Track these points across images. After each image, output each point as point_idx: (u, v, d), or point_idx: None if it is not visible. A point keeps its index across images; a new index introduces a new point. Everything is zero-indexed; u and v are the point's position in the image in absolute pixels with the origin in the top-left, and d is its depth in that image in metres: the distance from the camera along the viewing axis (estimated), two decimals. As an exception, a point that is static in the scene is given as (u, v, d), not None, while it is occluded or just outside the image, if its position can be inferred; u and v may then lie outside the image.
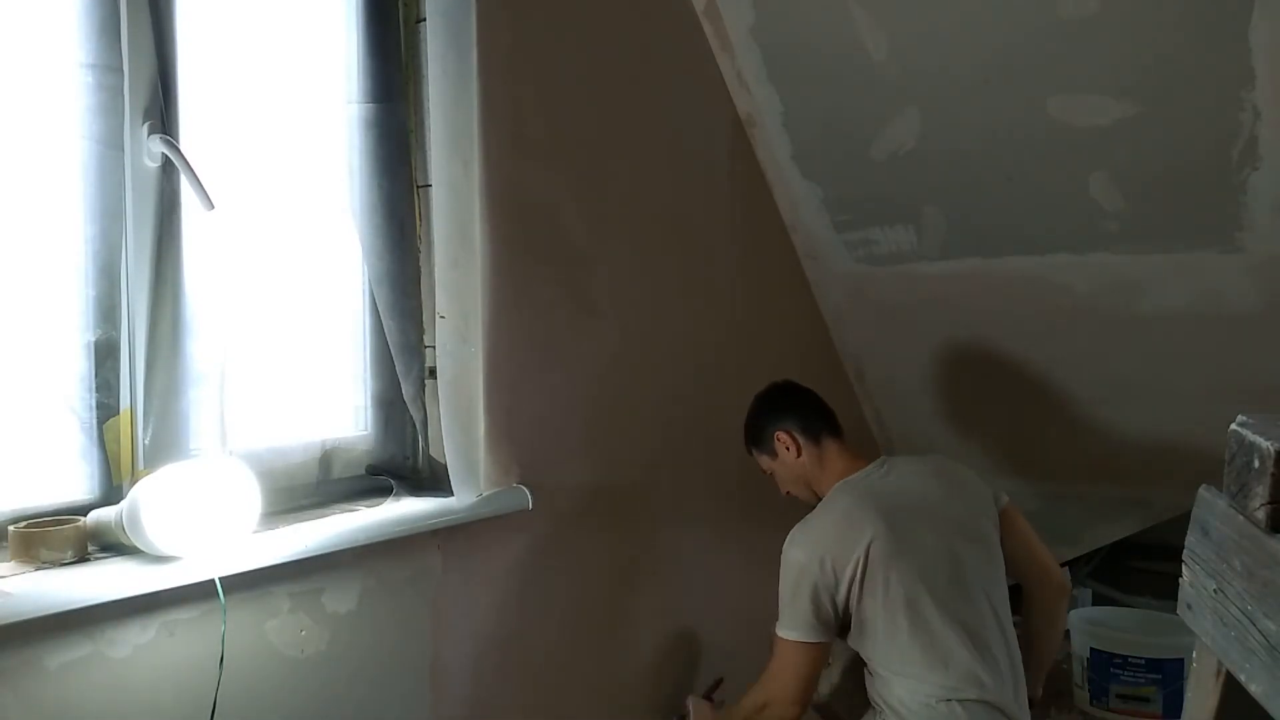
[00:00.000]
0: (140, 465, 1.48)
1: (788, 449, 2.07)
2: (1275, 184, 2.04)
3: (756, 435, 2.13)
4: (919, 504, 1.97)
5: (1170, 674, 2.55)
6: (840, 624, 1.92)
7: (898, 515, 1.91)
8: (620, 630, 2.21)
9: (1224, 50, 1.90)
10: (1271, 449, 0.80)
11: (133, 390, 1.49)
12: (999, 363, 2.67)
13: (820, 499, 2.04)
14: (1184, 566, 0.95)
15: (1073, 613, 2.90)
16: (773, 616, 1.98)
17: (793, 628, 1.92)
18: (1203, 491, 0.93)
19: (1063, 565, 3.28)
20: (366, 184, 1.81)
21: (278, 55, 1.71)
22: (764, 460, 2.14)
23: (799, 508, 2.08)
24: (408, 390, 1.85)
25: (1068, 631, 2.83)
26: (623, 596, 2.21)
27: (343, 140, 1.80)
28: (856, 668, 2.05)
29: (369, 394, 1.86)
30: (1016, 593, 2.14)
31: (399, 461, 1.89)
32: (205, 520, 1.41)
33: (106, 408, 1.49)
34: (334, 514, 1.68)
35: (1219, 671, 0.90)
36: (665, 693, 2.33)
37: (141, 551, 1.39)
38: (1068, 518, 2.95)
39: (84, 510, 1.44)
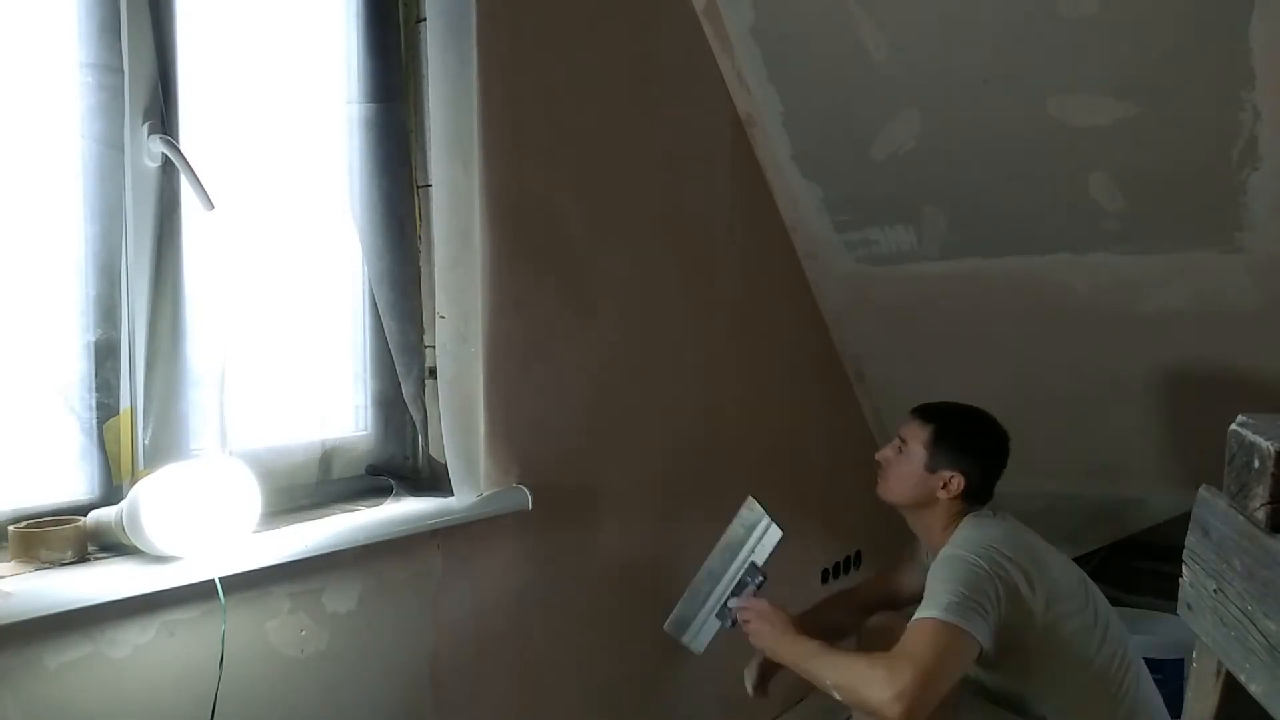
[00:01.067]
0: (140, 465, 1.48)
1: (945, 486, 1.94)
2: (1275, 184, 2.04)
3: (944, 441, 1.96)
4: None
5: (1170, 674, 2.55)
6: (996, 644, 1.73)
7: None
8: (620, 630, 2.21)
9: (1224, 50, 1.90)
10: (1271, 449, 0.80)
11: (133, 390, 1.49)
12: (999, 362, 2.68)
13: (898, 507, 2.01)
14: (1184, 566, 0.95)
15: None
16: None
17: (969, 617, 1.69)
18: (1203, 491, 0.93)
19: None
20: (366, 184, 1.81)
21: (278, 55, 1.71)
22: (915, 449, 1.97)
23: (800, 508, 2.08)
24: (408, 390, 1.85)
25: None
26: (623, 596, 2.21)
27: (342, 140, 1.80)
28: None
29: (369, 394, 1.86)
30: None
31: (399, 461, 1.89)
32: (205, 520, 1.41)
33: (106, 408, 1.49)
34: (334, 514, 1.68)
35: (1219, 671, 0.90)
36: (665, 693, 2.33)
37: (141, 551, 1.39)
38: (1068, 518, 2.95)
39: (84, 510, 1.44)
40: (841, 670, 1.74)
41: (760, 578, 1.98)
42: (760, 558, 1.99)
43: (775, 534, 1.99)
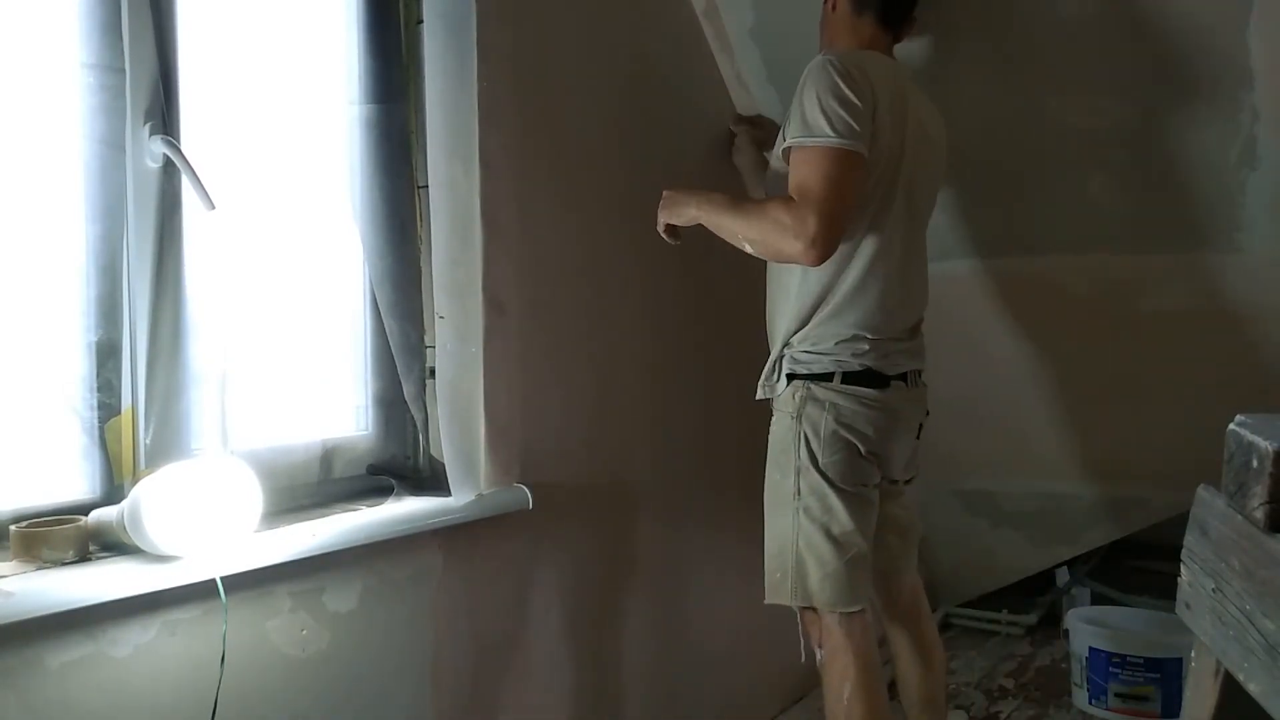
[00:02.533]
0: (141, 465, 1.48)
1: (834, 5, 1.97)
2: (1274, 184, 2.04)
3: None
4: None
5: (1169, 673, 2.56)
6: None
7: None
8: (620, 630, 2.21)
9: (1223, 50, 1.91)
10: (1270, 449, 0.80)
11: (134, 390, 1.49)
12: (998, 362, 2.68)
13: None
14: (1182, 566, 0.96)
15: (1071, 612, 2.91)
16: (771, 614, 1.98)
17: (843, 135, 1.71)
18: (1201, 491, 0.93)
19: (1062, 565, 3.30)
20: (367, 184, 1.81)
21: (279, 56, 1.71)
22: None
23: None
24: (408, 390, 1.85)
25: (1066, 630, 2.84)
26: (622, 596, 2.21)
27: (343, 141, 1.80)
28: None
29: (370, 394, 1.87)
30: None
31: (400, 461, 1.89)
32: (206, 520, 1.41)
33: (108, 407, 1.49)
34: (335, 513, 1.68)
35: (1217, 670, 0.90)
36: (665, 693, 2.34)
37: (143, 551, 1.39)
38: (1068, 518, 2.95)
39: (85, 510, 1.44)
40: (751, 225, 1.80)
41: None
42: None
43: None
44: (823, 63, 1.78)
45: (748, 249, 1.84)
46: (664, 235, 2.00)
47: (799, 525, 1.86)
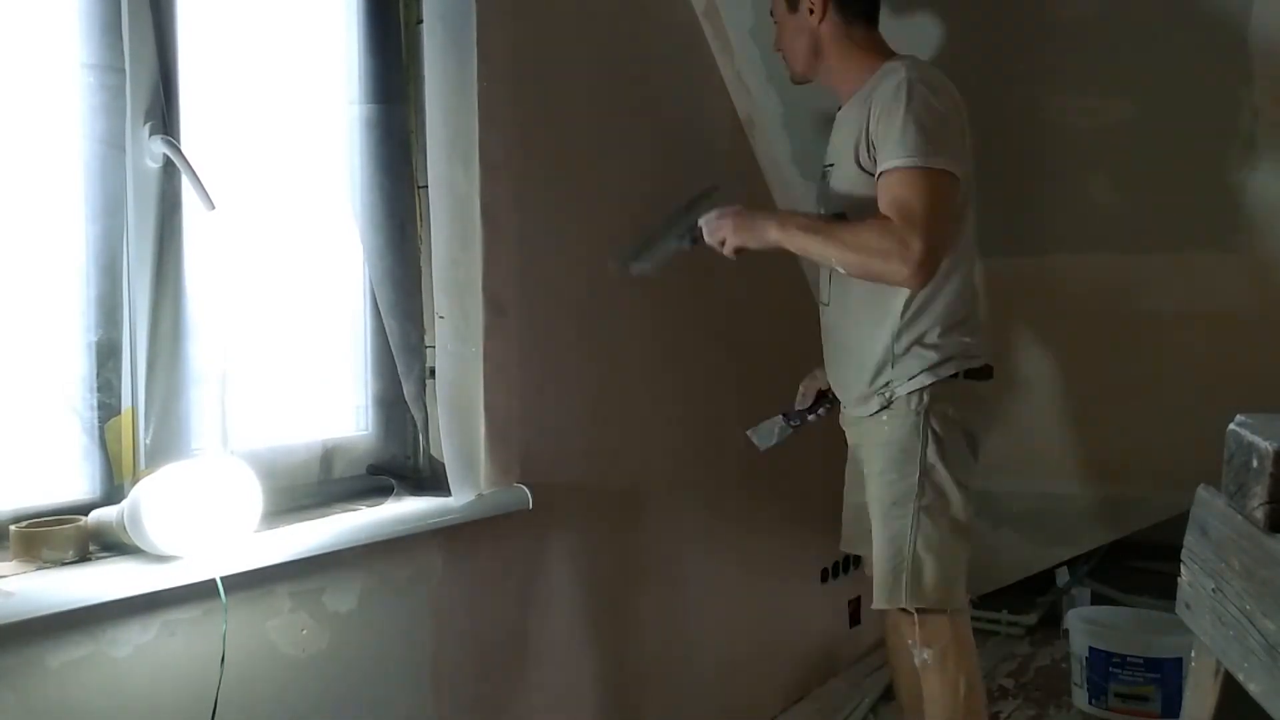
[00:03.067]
0: (141, 465, 1.48)
1: (811, 12, 1.92)
2: (1274, 184, 2.04)
3: None
4: None
5: (1169, 673, 2.55)
6: None
7: None
8: (620, 629, 2.21)
9: (1223, 50, 1.91)
10: (1270, 449, 0.80)
11: (134, 390, 1.49)
12: (998, 362, 2.67)
13: (807, 73, 1.98)
14: (1183, 566, 0.96)
15: (1071, 612, 2.91)
16: (771, 614, 1.98)
17: (944, 155, 1.72)
18: (1201, 491, 0.93)
19: (1062, 565, 3.30)
20: (367, 184, 1.81)
21: (279, 56, 1.71)
22: (777, 4, 1.99)
23: (801, 507, 2.08)
24: (409, 390, 1.85)
25: (1066, 630, 2.84)
26: (622, 596, 2.21)
27: (343, 141, 1.80)
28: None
29: (370, 394, 1.87)
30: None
31: (400, 461, 1.89)
32: (206, 520, 1.41)
33: (108, 407, 1.49)
34: (335, 513, 1.68)
35: (1217, 670, 0.90)
36: (665, 692, 2.34)
37: (143, 551, 1.39)
38: (1068, 518, 2.95)
39: (85, 510, 1.44)
40: (848, 250, 1.76)
41: (717, 191, 1.96)
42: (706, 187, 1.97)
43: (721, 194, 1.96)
44: (907, 81, 1.77)
45: (840, 270, 1.84)
46: (729, 255, 1.90)
47: (919, 525, 1.85)
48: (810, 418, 2.11)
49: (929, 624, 1.88)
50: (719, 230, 1.86)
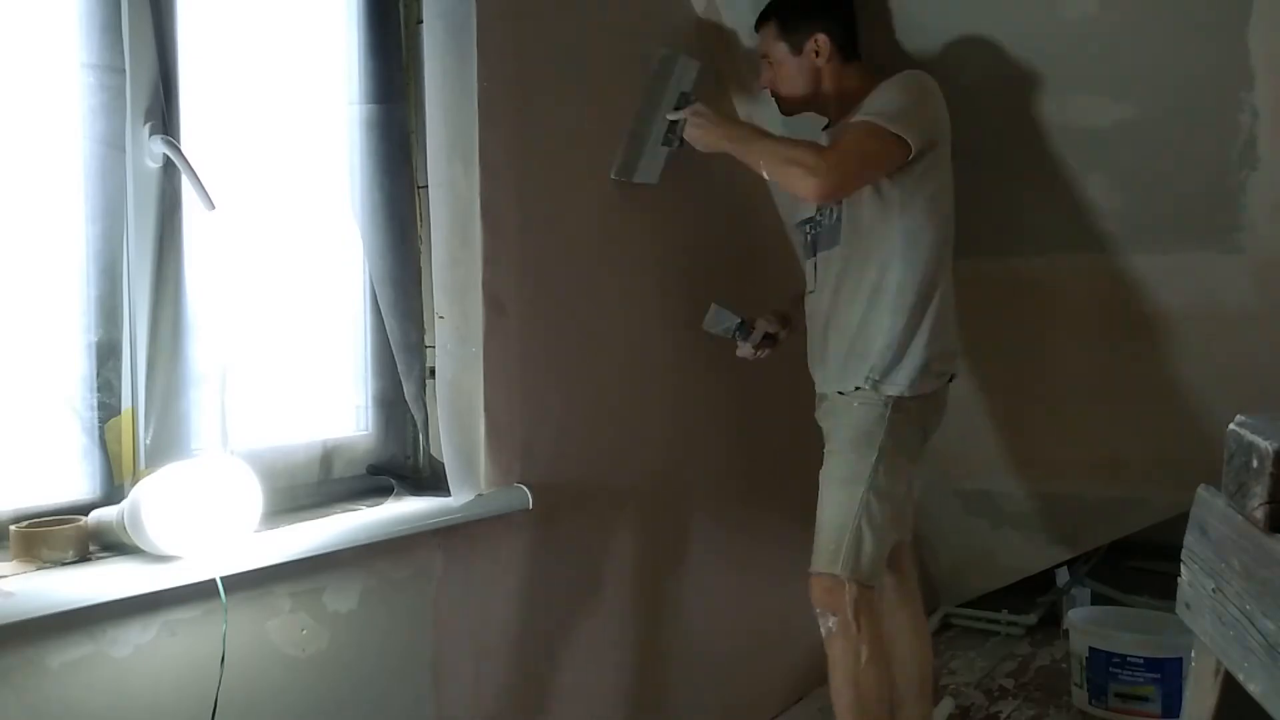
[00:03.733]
0: (141, 465, 1.48)
1: (817, 55, 2.07)
2: (1274, 184, 2.04)
3: (790, 23, 2.09)
4: None
5: (1169, 673, 2.56)
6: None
7: None
8: (620, 630, 2.21)
9: (1223, 51, 1.91)
10: (1270, 449, 0.80)
11: (134, 390, 1.49)
12: (998, 362, 2.68)
13: (809, 107, 2.13)
14: (1183, 566, 0.96)
15: (1071, 612, 2.91)
16: (771, 614, 1.98)
17: (899, 123, 1.91)
18: (1201, 491, 0.93)
19: (1062, 565, 3.30)
20: (367, 184, 1.81)
21: (279, 56, 1.71)
22: (777, 48, 2.11)
23: (801, 507, 2.08)
24: (409, 390, 1.85)
25: (1066, 630, 2.84)
26: (622, 596, 2.21)
27: (343, 141, 1.80)
28: None
29: (370, 394, 1.87)
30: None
31: (400, 461, 1.89)
32: (206, 520, 1.41)
33: (108, 407, 1.49)
34: (335, 514, 1.68)
35: (1218, 670, 0.90)
36: (665, 692, 2.34)
37: (143, 551, 1.39)
38: (1068, 518, 2.95)
39: (85, 510, 1.44)
40: (773, 156, 1.98)
41: (691, 98, 2.12)
42: (686, 86, 2.12)
43: (692, 64, 2.12)
44: (905, 78, 1.99)
45: (762, 174, 2.06)
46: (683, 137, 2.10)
47: (867, 502, 1.99)
48: (754, 335, 2.24)
49: (846, 593, 1.98)
50: (688, 132, 2.09)
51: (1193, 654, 0.96)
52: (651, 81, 2.11)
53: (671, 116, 2.10)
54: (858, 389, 2.03)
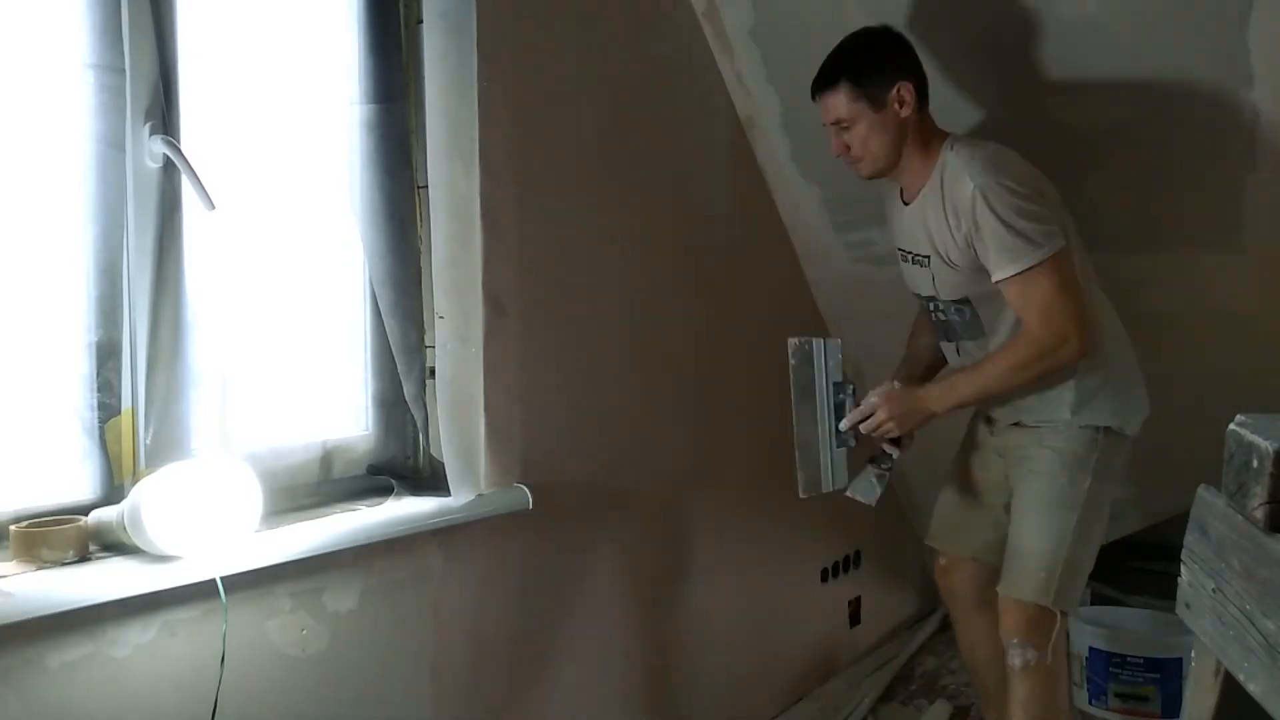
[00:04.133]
0: (141, 465, 1.48)
1: (901, 105, 1.86)
2: (1274, 184, 2.04)
3: (868, 77, 1.87)
4: None
5: (1169, 673, 2.55)
6: None
7: None
8: (619, 630, 2.21)
9: (1223, 50, 1.91)
10: (1270, 449, 0.80)
11: (134, 390, 1.49)
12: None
13: (890, 169, 1.93)
14: (1183, 566, 0.95)
15: (1072, 612, 2.90)
16: (771, 614, 1.97)
17: (1043, 241, 1.78)
18: (1201, 491, 0.93)
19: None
20: (367, 184, 1.81)
21: (279, 56, 1.71)
22: (855, 108, 1.87)
23: (799, 508, 2.08)
24: (409, 390, 1.85)
25: (1066, 631, 2.84)
26: (622, 596, 2.21)
27: (344, 141, 1.80)
28: None
29: (370, 394, 1.87)
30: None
31: (400, 461, 1.89)
32: (206, 520, 1.41)
33: (108, 408, 1.49)
34: (335, 514, 1.68)
35: (1218, 670, 0.90)
36: (665, 692, 2.34)
37: (143, 551, 1.39)
38: (1067, 517, 2.94)
39: (85, 510, 1.44)
40: (1013, 378, 1.85)
41: (850, 387, 1.93)
42: (836, 375, 1.92)
43: (834, 345, 1.93)
44: (979, 190, 1.80)
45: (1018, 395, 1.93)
46: (887, 448, 1.95)
47: (1085, 530, 1.91)
48: (901, 452, 1.97)
49: (1048, 624, 1.91)
50: (882, 425, 1.89)
51: (1193, 654, 0.96)
52: (797, 378, 1.90)
53: (843, 426, 1.91)
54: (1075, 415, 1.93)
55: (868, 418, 1.89)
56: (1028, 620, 1.90)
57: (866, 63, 1.88)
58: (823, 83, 1.91)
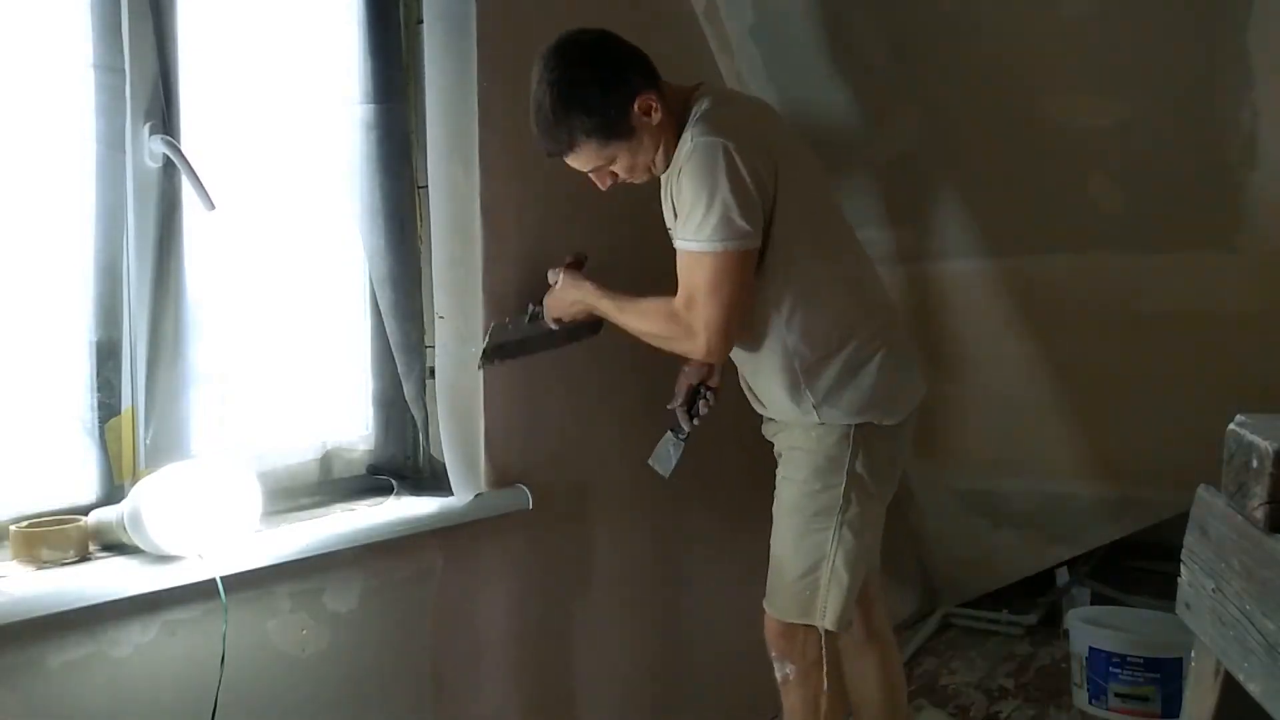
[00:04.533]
0: (141, 465, 1.48)
1: (649, 113, 1.66)
2: (1274, 184, 2.04)
3: (601, 116, 1.64)
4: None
5: (1169, 673, 2.55)
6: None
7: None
8: (619, 630, 2.21)
9: (1223, 50, 1.90)
10: (1270, 449, 0.80)
11: (134, 390, 1.49)
12: (998, 362, 2.67)
13: (667, 166, 1.75)
14: (1182, 566, 0.95)
15: (1071, 611, 2.91)
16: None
17: (730, 236, 1.62)
18: (1201, 491, 0.93)
19: (1062, 565, 3.30)
20: (367, 185, 1.81)
21: (279, 56, 1.71)
22: (610, 150, 1.68)
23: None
24: (409, 390, 1.85)
25: (1066, 630, 2.84)
26: (622, 597, 2.21)
27: (344, 141, 1.80)
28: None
29: (370, 394, 1.87)
30: None
31: (400, 461, 1.90)
32: (206, 520, 1.41)
33: (108, 408, 1.49)
34: (335, 514, 1.68)
35: (1217, 670, 0.90)
36: (666, 691, 2.34)
37: (143, 551, 1.39)
38: (1068, 518, 2.95)
39: (85, 510, 1.44)
40: (643, 329, 1.80)
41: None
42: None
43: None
44: (695, 147, 1.65)
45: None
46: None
47: (841, 540, 1.80)
48: (696, 422, 2.04)
49: (804, 639, 1.84)
50: (550, 301, 1.87)
51: (1193, 654, 0.96)
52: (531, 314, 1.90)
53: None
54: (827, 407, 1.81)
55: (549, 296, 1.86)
56: (781, 634, 1.86)
57: (593, 104, 1.64)
58: (558, 148, 1.69)
